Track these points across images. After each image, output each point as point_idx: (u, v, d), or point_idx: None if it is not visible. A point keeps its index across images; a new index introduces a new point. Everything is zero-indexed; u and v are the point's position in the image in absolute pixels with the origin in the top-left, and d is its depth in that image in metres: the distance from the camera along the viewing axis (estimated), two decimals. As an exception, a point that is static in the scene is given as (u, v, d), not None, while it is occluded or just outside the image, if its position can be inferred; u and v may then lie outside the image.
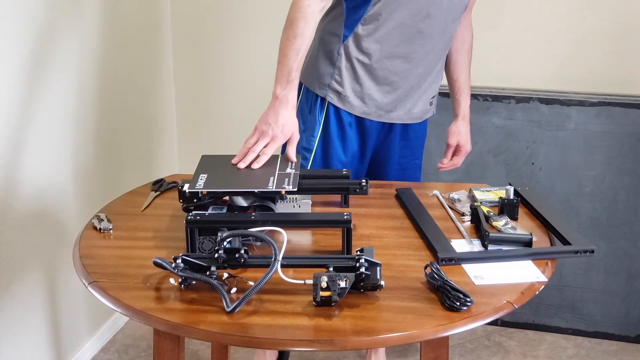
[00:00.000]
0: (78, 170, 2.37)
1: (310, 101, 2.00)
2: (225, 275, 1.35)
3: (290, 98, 1.70)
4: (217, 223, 1.45)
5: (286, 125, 1.69)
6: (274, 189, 1.53)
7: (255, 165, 1.64)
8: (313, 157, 1.99)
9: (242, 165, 1.64)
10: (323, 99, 1.97)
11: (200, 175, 1.59)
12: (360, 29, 1.88)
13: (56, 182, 2.26)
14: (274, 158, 1.71)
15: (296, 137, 1.72)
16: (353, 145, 2.02)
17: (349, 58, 1.91)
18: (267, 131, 1.68)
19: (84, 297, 2.45)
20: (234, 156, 1.76)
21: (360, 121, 1.99)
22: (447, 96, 2.59)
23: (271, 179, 1.57)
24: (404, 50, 1.89)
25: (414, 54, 1.90)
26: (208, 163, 1.68)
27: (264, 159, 1.65)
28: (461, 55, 2.07)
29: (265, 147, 1.68)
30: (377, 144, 2.06)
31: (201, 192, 1.54)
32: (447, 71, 2.10)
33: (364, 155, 2.05)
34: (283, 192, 1.54)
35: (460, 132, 2.11)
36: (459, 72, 2.08)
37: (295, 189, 1.54)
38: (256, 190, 1.54)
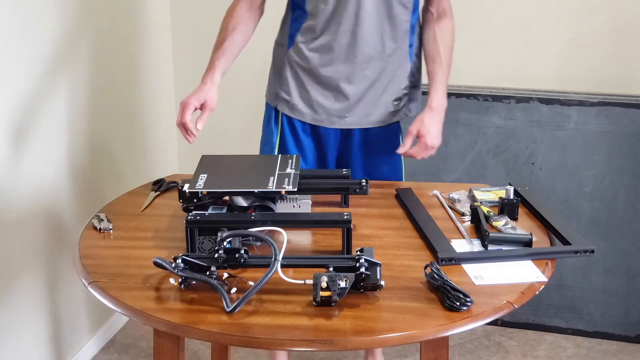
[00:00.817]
0: (78, 170, 2.37)
1: (268, 113, 2.02)
2: (225, 275, 1.35)
3: (209, 78, 1.80)
4: (217, 223, 1.45)
5: (200, 92, 1.77)
6: (274, 189, 1.53)
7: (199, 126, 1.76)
8: None
9: (191, 140, 1.78)
10: (277, 110, 1.98)
11: (200, 175, 1.59)
12: (299, 38, 1.90)
13: (56, 182, 2.25)
14: (273, 158, 1.71)
15: (210, 107, 1.78)
16: (311, 154, 2.00)
17: (292, 66, 1.93)
18: (183, 101, 1.77)
19: (84, 297, 2.45)
20: (234, 156, 1.76)
21: (314, 129, 1.97)
22: (446, 96, 2.59)
23: (271, 179, 1.57)
24: (345, 55, 1.87)
25: (355, 58, 1.87)
26: (208, 163, 1.68)
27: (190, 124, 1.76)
28: (433, 47, 1.95)
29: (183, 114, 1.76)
30: (338, 150, 2.02)
31: (201, 192, 1.54)
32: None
33: (324, 162, 2.02)
34: (283, 192, 1.54)
35: (423, 121, 1.88)
36: (430, 64, 1.95)
37: (295, 189, 1.54)
38: (256, 190, 1.54)
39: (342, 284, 1.26)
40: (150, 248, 1.51)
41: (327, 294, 1.26)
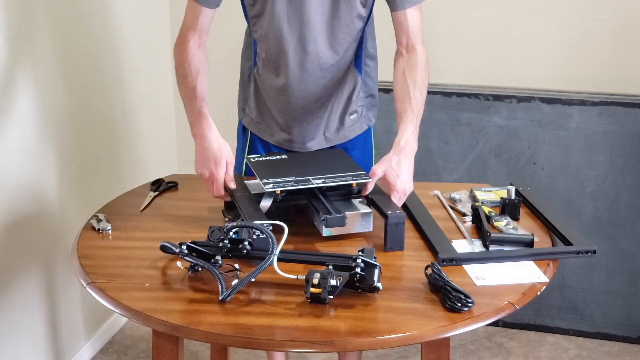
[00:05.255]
0: (76, 170, 2.36)
1: (239, 124, 1.96)
2: (236, 266, 1.36)
3: (208, 131, 1.64)
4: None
5: (215, 156, 1.62)
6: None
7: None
8: None
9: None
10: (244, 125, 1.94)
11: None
12: (260, 65, 1.84)
13: (54, 182, 2.25)
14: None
15: (232, 162, 1.65)
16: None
17: (256, 85, 1.87)
18: (210, 175, 1.63)
19: (82, 298, 2.44)
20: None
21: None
22: (447, 95, 2.59)
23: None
24: (297, 95, 1.80)
25: (290, 83, 1.80)
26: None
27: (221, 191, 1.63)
28: (403, 87, 1.75)
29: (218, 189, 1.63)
30: None
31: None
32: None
33: None
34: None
35: (391, 163, 1.63)
36: (400, 104, 1.75)
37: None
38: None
39: (333, 282, 1.26)
40: (149, 248, 1.50)
41: (317, 290, 1.26)
